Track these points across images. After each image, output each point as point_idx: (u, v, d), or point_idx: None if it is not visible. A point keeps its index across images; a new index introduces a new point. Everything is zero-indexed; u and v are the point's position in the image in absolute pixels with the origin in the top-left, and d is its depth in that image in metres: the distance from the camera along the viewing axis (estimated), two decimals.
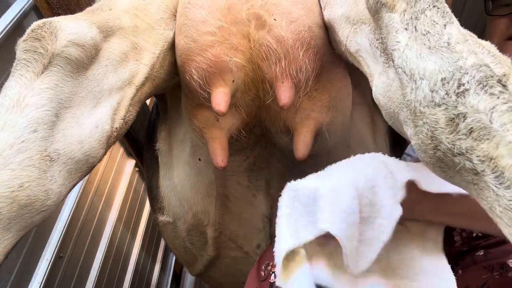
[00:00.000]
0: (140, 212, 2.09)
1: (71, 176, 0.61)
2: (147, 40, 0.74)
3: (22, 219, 0.54)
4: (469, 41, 0.44)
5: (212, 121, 0.82)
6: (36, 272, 1.25)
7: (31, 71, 0.56)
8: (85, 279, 1.54)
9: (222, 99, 0.72)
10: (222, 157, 0.82)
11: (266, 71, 0.72)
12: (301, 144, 0.81)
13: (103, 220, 1.70)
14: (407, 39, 0.47)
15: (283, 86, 0.72)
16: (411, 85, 0.45)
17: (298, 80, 0.74)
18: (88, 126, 0.63)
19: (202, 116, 0.82)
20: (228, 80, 0.72)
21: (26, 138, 0.54)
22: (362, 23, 0.59)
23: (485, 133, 0.39)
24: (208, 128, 0.83)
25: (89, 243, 1.58)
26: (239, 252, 1.15)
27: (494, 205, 0.40)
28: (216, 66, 0.70)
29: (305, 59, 0.72)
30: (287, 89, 0.72)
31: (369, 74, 0.60)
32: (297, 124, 0.82)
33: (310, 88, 0.77)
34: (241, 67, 0.71)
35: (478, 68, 0.41)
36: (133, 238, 1.99)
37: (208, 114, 0.82)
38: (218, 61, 0.70)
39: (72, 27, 0.60)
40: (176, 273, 2.55)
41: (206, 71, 0.71)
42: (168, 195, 1.12)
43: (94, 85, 0.64)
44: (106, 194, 1.72)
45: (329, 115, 0.83)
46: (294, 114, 0.81)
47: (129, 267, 1.90)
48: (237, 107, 0.80)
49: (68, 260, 1.42)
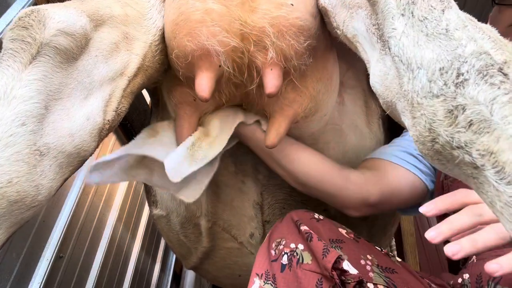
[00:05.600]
0: (140, 212, 2.10)
1: (62, 170, 0.59)
2: (138, 29, 0.72)
3: (12, 216, 0.54)
4: (468, 26, 0.42)
5: (189, 100, 0.81)
6: (36, 272, 1.26)
7: (18, 62, 0.55)
8: (85, 279, 1.56)
9: (207, 85, 0.70)
10: (187, 135, 0.82)
11: (255, 57, 0.71)
12: (273, 133, 0.80)
13: (103, 220, 1.71)
14: (404, 26, 0.46)
15: (271, 73, 0.71)
16: (408, 75, 0.44)
17: (287, 68, 0.72)
18: (79, 119, 0.62)
19: (181, 92, 0.82)
20: (215, 64, 0.70)
21: (14, 132, 0.52)
22: (359, 7, 0.58)
23: (485, 126, 0.38)
24: (184, 104, 0.82)
25: (89, 243, 1.60)
26: (233, 243, 1.14)
27: (495, 200, 0.39)
28: (203, 49, 0.69)
29: (297, 48, 0.70)
30: (276, 76, 0.71)
31: (366, 60, 0.59)
32: (275, 112, 0.81)
33: (296, 78, 0.76)
34: (230, 51, 0.70)
35: (477, 56, 0.40)
36: (133, 238, 1.99)
37: (187, 92, 0.81)
38: (206, 44, 0.68)
39: (61, 15, 0.59)
40: (176, 273, 2.55)
41: (192, 53, 0.70)
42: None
43: (84, 76, 0.63)
44: (106, 194, 1.73)
45: (310, 107, 0.82)
46: (275, 101, 0.80)
47: (129, 267, 1.91)
48: (218, 92, 0.79)
49: (68, 260, 1.43)
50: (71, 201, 1.43)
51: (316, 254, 0.74)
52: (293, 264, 0.74)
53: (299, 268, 0.73)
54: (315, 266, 0.73)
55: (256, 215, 1.07)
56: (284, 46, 0.69)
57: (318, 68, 0.79)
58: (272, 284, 0.74)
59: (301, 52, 0.71)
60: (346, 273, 0.71)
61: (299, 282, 0.71)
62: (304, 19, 0.69)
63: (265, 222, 1.08)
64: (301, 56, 0.72)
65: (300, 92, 0.79)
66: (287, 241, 0.78)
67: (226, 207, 1.07)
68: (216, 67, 0.70)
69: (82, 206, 1.53)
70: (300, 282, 0.71)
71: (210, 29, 0.68)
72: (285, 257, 0.76)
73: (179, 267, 2.61)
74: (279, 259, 0.77)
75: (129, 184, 1.96)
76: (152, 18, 0.75)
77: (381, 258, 0.78)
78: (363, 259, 0.76)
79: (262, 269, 0.78)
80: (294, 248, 0.77)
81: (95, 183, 0.83)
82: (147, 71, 0.74)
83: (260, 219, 1.08)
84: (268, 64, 0.70)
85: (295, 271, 0.73)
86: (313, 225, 0.81)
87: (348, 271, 0.71)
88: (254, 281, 0.76)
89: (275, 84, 0.70)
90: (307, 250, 0.76)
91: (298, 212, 0.86)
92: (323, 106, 0.85)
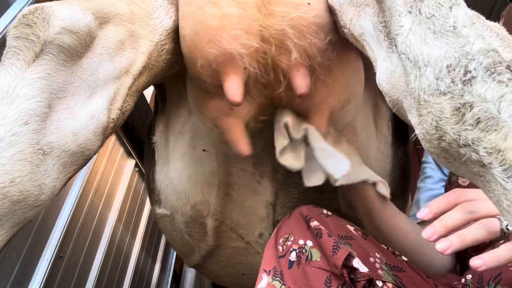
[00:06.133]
0: (140, 212, 2.10)
1: (65, 169, 0.59)
2: (144, 27, 0.72)
3: (15, 215, 0.53)
4: (476, 24, 0.42)
5: (226, 111, 0.79)
6: (36, 272, 1.26)
7: (22, 60, 0.54)
8: (85, 279, 1.56)
9: (237, 89, 0.69)
10: (245, 146, 0.80)
11: (280, 60, 0.71)
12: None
13: (103, 220, 1.71)
14: (411, 23, 0.45)
15: (298, 74, 0.71)
16: (415, 72, 0.44)
17: (313, 66, 0.72)
18: (83, 117, 0.61)
19: (214, 106, 0.80)
20: (240, 67, 0.70)
21: (17, 131, 0.52)
22: (366, 5, 0.58)
23: (493, 124, 0.38)
24: (222, 118, 0.81)
25: (89, 243, 1.60)
26: (239, 242, 1.14)
27: (501, 199, 0.39)
28: (226, 53, 0.68)
29: (319, 45, 0.70)
30: (303, 76, 0.71)
31: (373, 58, 0.59)
32: (311, 112, 0.81)
33: (323, 74, 0.75)
34: (253, 53, 0.69)
35: (485, 54, 0.40)
36: (133, 238, 1.99)
37: (221, 104, 0.79)
38: (229, 48, 0.68)
39: (66, 13, 0.59)
40: (176, 273, 2.54)
41: (216, 60, 0.69)
42: (165, 189, 1.11)
43: (89, 74, 0.63)
44: (106, 194, 1.73)
45: (343, 100, 0.81)
46: (309, 101, 0.79)
47: (129, 267, 1.92)
48: (250, 95, 0.78)
49: (68, 260, 1.43)
50: (71, 201, 1.43)
51: (325, 251, 0.73)
52: (302, 261, 0.74)
53: (307, 266, 0.73)
54: (324, 263, 0.72)
55: (267, 215, 1.07)
56: (306, 45, 0.69)
57: (343, 60, 0.79)
58: (280, 281, 0.73)
59: (324, 48, 0.71)
60: (356, 271, 0.71)
61: (307, 279, 0.71)
62: (322, 16, 0.69)
63: (276, 221, 1.08)
64: (324, 52, 0.72)
65: (330, 86, 0.78)
66: (296, 237, 0.78)
67: (236, 207, 1.07)
68: (242, 69, 0.70)
69: (82, 206, 1.53)
70: (308, 280, 0.71)
71: (231, 33, 0.67)
72: (293, 254, 0.75)
73: (179, 267, 2.60)
74: (286, 255, 0.76)
75: (129, 184, 1.95)
76: (159, 17, 0.74)
77: (388, 256, 0.78)
78: (372, 257, 0.75)
79: (270, 266, 0.77)
80: (303, 244, 0.76)
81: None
82: (153, 70, 0.74)
83: (271, 218, 1.07)
84: (294, 65, 0.70)
85: (304, 268, 0.73)
86: (323, 220, 0.80)
87: (358, 269, 0.71)
88: (262, 277, 0.75)
89: (305, 83, 0.71)
90: (316, 247, 0.75)
91: (307, 208, 0.85)
92: (355, 96, 0.85)
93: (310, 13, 0.68)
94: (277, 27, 0.68)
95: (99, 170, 1.67)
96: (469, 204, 0.59)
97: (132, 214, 2.00)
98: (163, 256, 2.43)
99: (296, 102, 0.79)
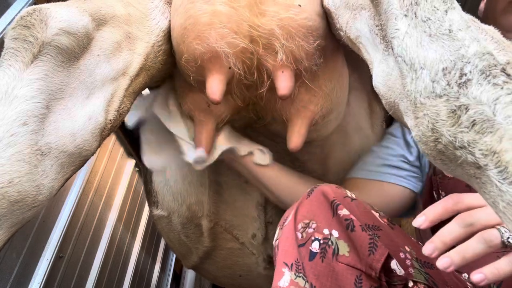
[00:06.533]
0: (140, 212, 2.10)
1: (63, 170, 0.59)
2: (140, 29, 0.73)
3: (13, 216, 0.54)
4: (471, 27, 0.43)
5: (203, 107, 0.81)
6: (36, 272, 1.25)
7: (20, 61, 0.55)
8: (85, 279, 1.56)
9: (218, 87, 0.70)
10: (205, 143, 0.83)
11: (266, 59, 0.71)
12: (296, 136, 0.80)
13: (103, 220, 1.71)
14: (407, 26, 0.46)
15: (283, 75, 0.71)
16: (411, 75, 0.44)
17: (298, 70, 0.73)
18: (81, 118, 0.62)
19: (192, 99, 0.82)
20: (224, 66, 0.70)
21: (15, 131, 0.52)
22: (362, 8, 0.58)
23: (488, 126, 0.38)
24: (197, 111, 0.83)
25: (89, 243, 1.60)
26: (234, 243, 1.15)
27: (497, 200, 0.39)
28: (212, 51, 0.69)
29: (307, 49, 0.71)
30: (287, 78, 0.71)
31: (369, 61, 0.59)
32: (293, 115, 0.81)
33: (308, 79, 0.76)
34: (239, 53, 0.70)
35: (481, 57, 0.40)
36: (133, 238, 1.99)
37: (199, 99, 0.81)
38: (215, 46, 0.68)
39: (63, 15, 0.59)
40: (176, 273, 2.55)
41: (202, 56, 0.70)
42: (162, 190, 1.12)
43: (86, 76, 0.63)
44: (106, 194, 1.73)
45: (326, 107, 0.82)
46: (290, 104, 0.80)
47: (129, 267, 1.92)
48: (231, 95, 0.79)
49: (68, 260, 1.43)
50: (71, 201, 1.43)
51: (359, 247, 0.65)
52: (328, 255, 0.65)
53: (335, 262, 0.64)
54: (354, 259, 0.64)
55: (259, 216, 1.08)
56: (293, 47, 0.69)
57: (329, 68, 0.80)
58: (304, 277, 0.64)
59: (311, 52, 0.71)
60: (392, 273, 0.65)
61: (335, 278, 0.63)
62: (312, 20, 0.69)
63: (268, 223, 1.08)
64: (311, 57, 0.72)
65: (314, 92, 0.79)
66: (319, 224, 0.68)
67: (229, 207, 1.08)
68: (226, 69, 0.70)
69: (82, 206, 1.53)
70: (337, 278, 0.63)
71: (219, 31, 0.68)
72: (316, 244, 0.66)
73: (179, 267, 2.61)
74: (307, 244, 0.66)
75: (129, 184, 1.96)
76: (156, 19, 0.75)
77: (418, 249, 0.70)
78: (402, 252, 0.68)
79: (291, 258, 0.67)
80: (328, 235, 0.66)
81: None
82: (149, 71, 0.74)
83: (263, 220, 1.08)
84: (279, 66, 0.70)
85: (331, 264, 0.64)
86: (350, 206, 0.70)
87: (395, 272, 0.65)
88: (283, 272, 0.65)
89: (287, 85, 0.71)
90: (343, 238, 0.66)
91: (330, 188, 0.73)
92: (338, 105, 0.85)
93: (300, 15, 0.68)
94: (266, 27, 0.68)
95: (99, 170, 1.67)
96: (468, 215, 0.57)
97: (132, 214, 2.00)
98: (163, 256, 2.43)
99: (277, 105, 0.80)
